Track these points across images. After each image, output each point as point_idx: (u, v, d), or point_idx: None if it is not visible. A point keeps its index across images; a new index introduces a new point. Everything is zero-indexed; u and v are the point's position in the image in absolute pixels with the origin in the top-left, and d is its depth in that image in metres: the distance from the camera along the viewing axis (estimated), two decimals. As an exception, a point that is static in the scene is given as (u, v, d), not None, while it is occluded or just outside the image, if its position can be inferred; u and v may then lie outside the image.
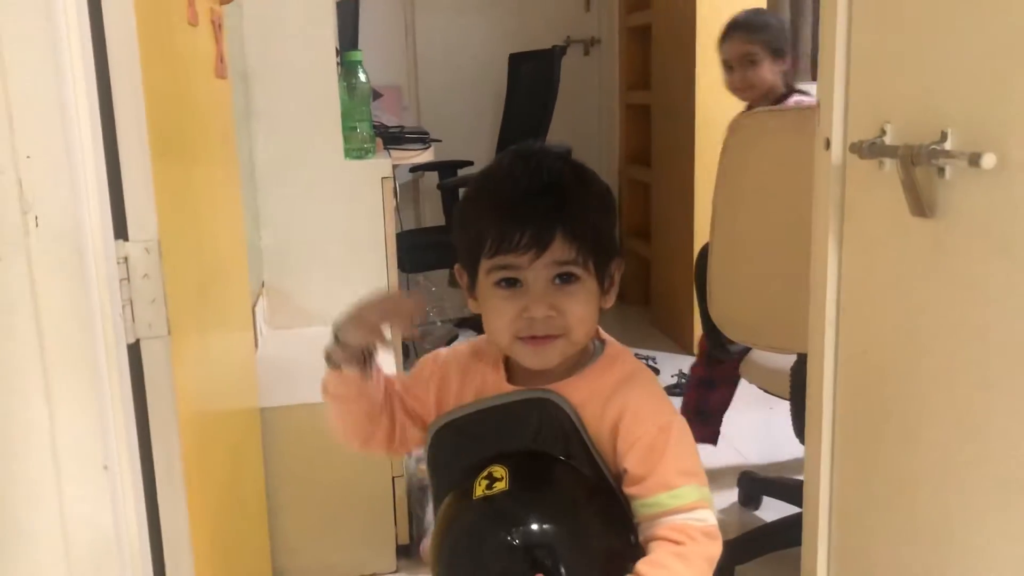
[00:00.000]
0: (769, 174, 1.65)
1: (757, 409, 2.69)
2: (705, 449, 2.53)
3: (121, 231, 0.90)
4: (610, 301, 0.98)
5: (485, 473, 0.93)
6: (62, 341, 0.82)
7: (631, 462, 0.93)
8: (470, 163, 3.60)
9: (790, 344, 1.64)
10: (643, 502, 0.93)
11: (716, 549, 0.91)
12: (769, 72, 2.31)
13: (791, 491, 2.03)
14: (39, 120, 0.78)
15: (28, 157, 0.78)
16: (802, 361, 1.70)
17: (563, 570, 0.88)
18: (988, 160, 0.73)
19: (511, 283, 0.92)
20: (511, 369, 1.01)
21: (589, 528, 0.92)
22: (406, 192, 4.05)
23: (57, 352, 0.82)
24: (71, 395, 0.83)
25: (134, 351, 0.92)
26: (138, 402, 0.92)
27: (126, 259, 0.90)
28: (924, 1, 0.86)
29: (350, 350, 0.99)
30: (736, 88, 2.37)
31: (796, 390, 1.74)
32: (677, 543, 0.89)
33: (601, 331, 1.02)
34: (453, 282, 3.53)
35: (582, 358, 0.99)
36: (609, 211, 1.00)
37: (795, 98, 2.26)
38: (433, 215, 3.98)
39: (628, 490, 0.94)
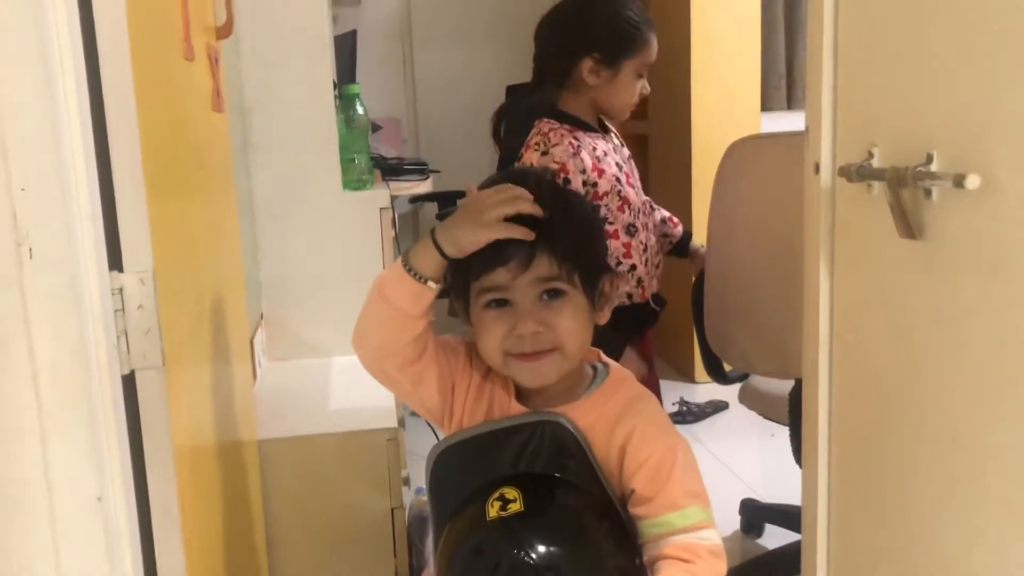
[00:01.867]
0: (762, 199, 1.66)
1: (759, 436, 2.69)
2: (707, 476, 2.52)
3: (116, 262, 0.90)
4: (604, 317, 0.99)
5: (496, 495, 0.94)
6: (56, 373, 0.82)
7: (639, 483, 0.94)
8: (469, 193, 3.61)
9: (786, 370, 1.64)
10: (650, 522, 0.94)
11: (722, 568, 0.93)
12: None
13: (793, 518, 2.01)
14: (33, 153, 0.79)
15: (23, 190, 0.78)
16: (800, 387, 1.70)
17: None
18: (972, 181, 0.74)
19: (500, 304, 0.94)
20: (520, 391, 1.02)
21: (600, 549, 0.93)
22: (406, 223, 4.06)
23: (50, 384, 0.82)
24: (65, 427, 0.83)
25: (129, 382, 0.92)
26: (133, 434, 0.92)
27: (121, 290, 0.91)
28: (909, 25, 0.87)
29: (440, 266, 0.94)
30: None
31: (795, 416, 1.73)
32: (686, 561, 0.91)
33: (603, 355, 1.04)
34: (452, 311, 3.52)
35: (586, 381, 1.01)
36: (593, 228, 1.03)
37: None
38: (433, 246, 3.98)
39: (635, 510, 0.95)
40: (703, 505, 0.95)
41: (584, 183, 1.69)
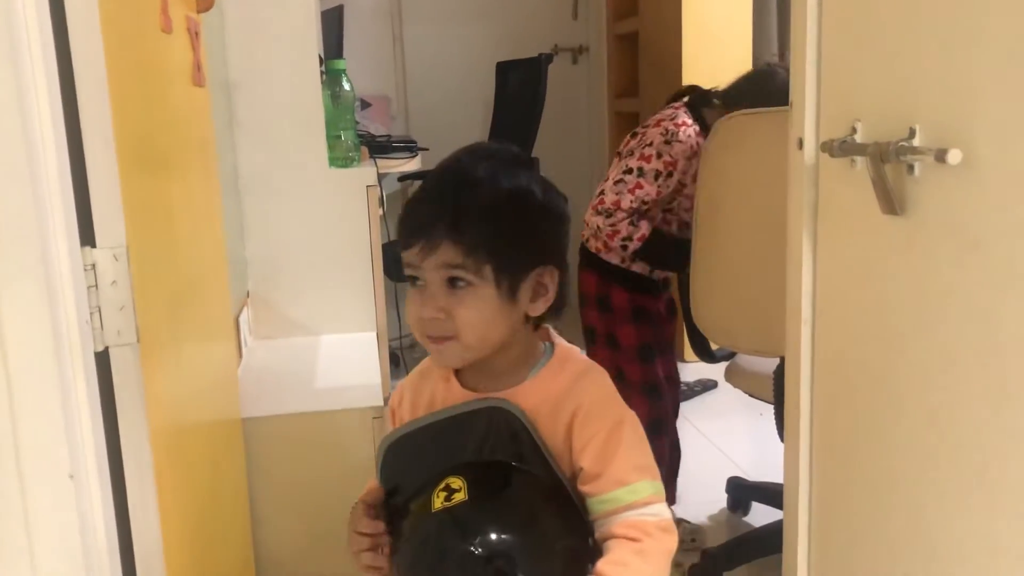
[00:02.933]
0: (746, 176, 1.66)
1: (746, 415, 2.69)
2: (695, 455, 2.53)
3: (89, 238, 0.89)
4: (538, 309, 0.97)
5: (442, 485, 0.93)
6: (26, 348, 0.81)
7: (586, 460, 0.93)
8: (458, 172, 3.59)
9: (771, 348, 1.64)
10: (599, 499, 0.93)
11: (672, 542, 0.92)
12: None
13: (779, 496, 2.01)
14: (-1, 124, 0.77)
15: (-12, 162, 0.77)
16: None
17: (524, 571, 0.88)
18: (954, 156, 0.73)
19: (415, 281, 0.95)
20: (462, 378, 1.01)
21: (549, 532, 0.93)
22: (394, 202, 4.04)
23: (20, 360, 0.81)
24: (36, 403, 0.82)
25: (103, 359, 0.91)
26: (109, 412, 0.91)
27: (94, 266, 0.89)
28: (892, 1, 0.85)
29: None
30: None
31: (780, 393, 1.73)
32: (635, 540, 0.90)
33: (552, 332, 1.03)
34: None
35: (531, 361, 1.00)
36: (516, 217, 0.96)
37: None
38: (422, 224, 3.97)
39: (583, 488, 0.94)
40: (652, 478, 0.94)
41: (680, 182, 1.98)
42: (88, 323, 0.88)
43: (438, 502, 0.92)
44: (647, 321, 2.11)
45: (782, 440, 1.80)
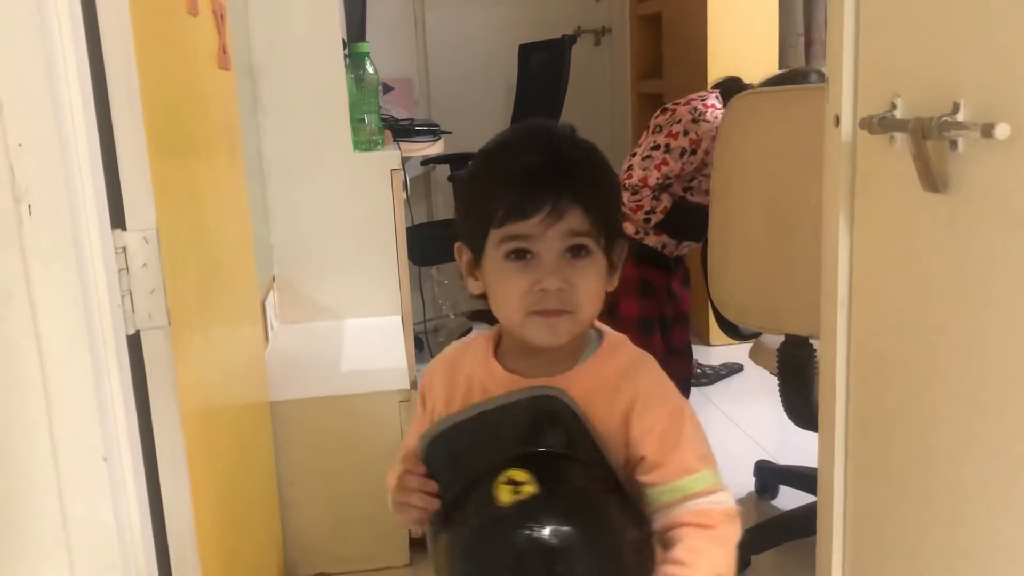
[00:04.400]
0: (757, 153, 1.66)
1: (773, 398, 2.67)
2: (721, 439, 2.51)
3: (119, 221, 0.89)
4: (614, 283, 0.95)
5: (504, 478, 0.88)
6: (59, 331, 0.81)
7: (648, 448, 0.91)
8: (481, 155, 3.58)
9: (777, 325, 1.65)
10: (662, 488, 0.90)
11: (738, 530, 0.90)
12: None
13: (807, 480, 2.00)
14: (30, 108, 0.77)
15: (20, 145, 0.77)
16: (789, 342, 1.70)
17: (597, 566, 0.87)
18: (1002, 130, 0.71)
19: (521, 255, 0.89)
20: (504, 361, 0.97)
21: (614, 524, 0.90)
22: (417, 186, 4.04)
23: (54, 342, 0.81)
24: (69, 386, 0.82)
25: (134, 342, 0.91)
26: (140, 394, 0.92)
27: (124, 249, 0.89)
28: (934, -29, 0.83)
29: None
30: None
31: (784, 370, 1.73)
32: (706, 527, 0.88)
33: (597, 321, 0.99)
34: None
35: (582, 348, 0.96)
36: (616, 188, 0.99)
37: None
38: (445, 209, 3.97)
39: (645, 478, 0.91)
40: (713, 467, 0.92)
41: (703, 161, 2.07)
42: (119, 306, 0.88)
43: (505, 495, 0.87)
44: (652, 295, 2.16)
45: (789, 416, 1.80)
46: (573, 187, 0.88)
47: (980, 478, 0.83)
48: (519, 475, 0.88)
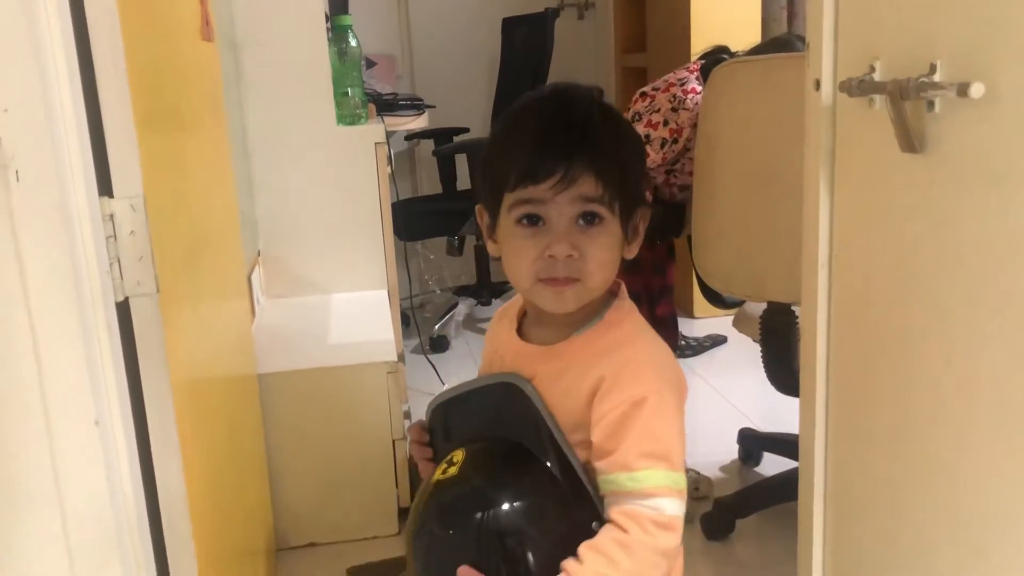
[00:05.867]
0: (738, 122, 1.68)
1: (756, 368, 2.70)
2: (706, 409, 2.54)
3: (105, 188, 0.89)
4: (633, 251, 0.94)
5: (448, 457, 0.94)
6: (49, 297, 0.81)
7: (597, 436, 0.89)
8: (466, 130, 3.58)
9: (761, 292, 1.68)
10: (604, 478, 0.89)
11: (668, 540, 0.86)
12: None
13: (789, 446, 2.03)
14: (15, 73, 0.77)
15: (5, 111, 0.77)
16: (771, 309, 1.73)
17: (520, 549, 0.88)
18: (976, 89, 0.72)
19: (533, 220, 0.89)
20: (523, 326, 1.00)
21: (542, 510, 0.90)
22: (402, 161, 4.03)
23: (44, 308, 0.81)
24: (60, 351, 0.82)
25: (123, 310, 0.92)
26: (129, 363, 0.92)
27: (111, 216, 0.89)
28: (913, -66, 0.84)
29: None
30: None
31: (766, 337, 1.76)
32: (623, 530, 0.86)
33: (623, 289, 0.98)
34: (451, 250, 3.53)
35: (587, 317, 0.95)
36: (639, 156, 0.97)
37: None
38: (430, 184, 3.96)
39: (595, 463, 0.90)
40: (667, 468, 0.87)
41: (685, 146, 2.05)
42: (108, 273, 0.88)
43: (437, 473, 0.93)
44: (638, 271, 2.18)
45: (771, 383, 1.83)
46: (587, 152, 0.87)
47: (956, 435, 0.85)
48: (457, 455, 0.93)
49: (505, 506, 0.90)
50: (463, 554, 0.89)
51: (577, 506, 0.90)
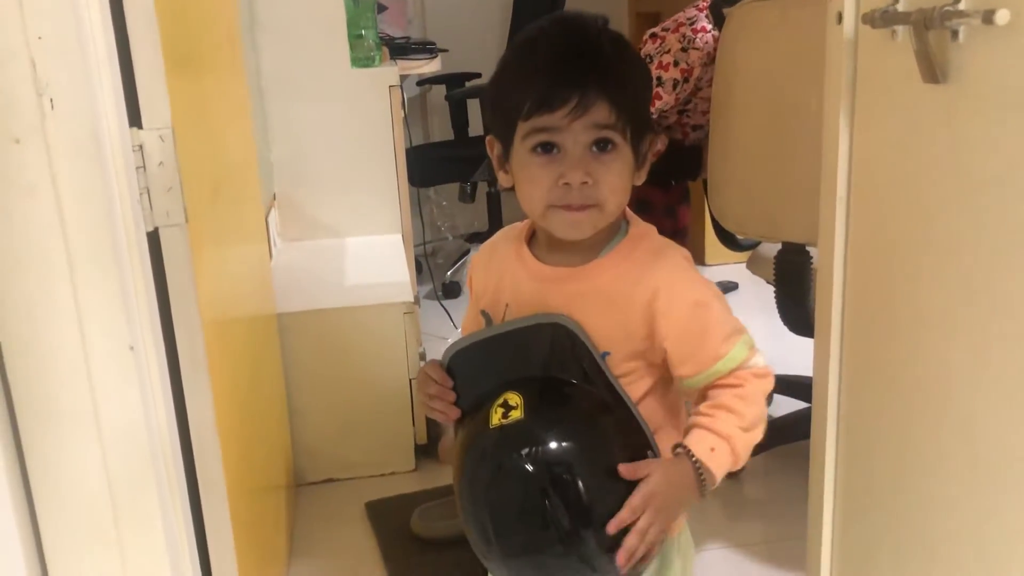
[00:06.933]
0: (756, 64, 1.67)
1: (768, 313, 2.72)
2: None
3: (135, 120, 0.90)
4: (641, 178, 0.96)
5: (500, 400, 0.92)
6: (83, 224, 0.83)
7: (675, 345, 0.93)
8: (478, 75, 3.56)
9: (776, 233, 1.69)
10: (699, 377, 0.94)
11: (769, 384, 0.95)
12: None
13: (802, 388, 2.05)
14: (48, 2, 0.78)
15: (39, 38, 0.78)
16: (786, 250, 1.74)
17: (581, 485, 0.88)
18: (1002, 16, 0.73)
19: (547, 148, 0.90)
20: (536, 251, 1.00)
21: (604, 444, 0.91)
22: (414, 107, 4.01)
23: (79, 235, 0.83)
24: (95, 277, 0.85)
25: (153, 240, 0.94)
26: (159, 293, 0.94)
27: (141, 147, 0.91)
28: None
29: None
30: None
31: (781, 278, 1.77)
32: (735, 386, 0.92)
33: (628, 210, 1.00)
34: (463, 196, 3.51)
35: (608, 238, 0.97)
36: (647, 82, 0.99)
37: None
38: (442, 131, 3.95)
39: (677, 371, 0.94)
40: (744, 336, 0.95)
41: (696, 86, 2.02)
42: (139, 202, 0.90)
43: (495, 418, 0.91)
44: (650, 213, 2.17)
45: (785, 324, 1.84)
46: (600, 80, 0.88)
47: (970, 372, 0.86)
48: (513, 399, 0.92)
49: (582, 444, 0.91)
50: (539, 494, 0.88)
51: (636, 435, 0.94)
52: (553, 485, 0.88)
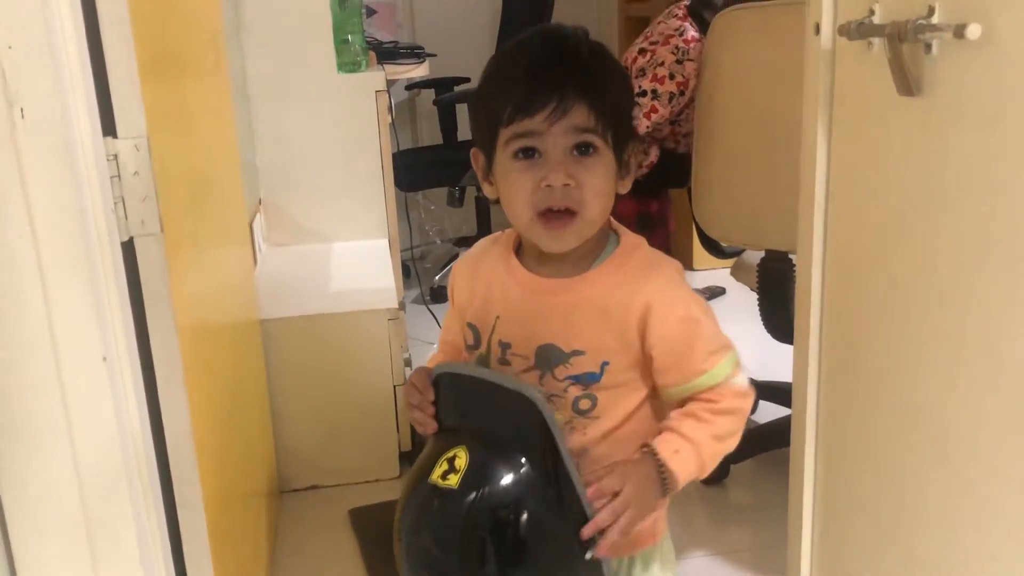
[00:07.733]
0: (739, 70, 1.67)
1: (754, 319, 2.73)
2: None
3: (109, 128, 0.90)
4: (626, 187, 0.96)
5: (451, 454, 0.91)
6: (55, 234, 0.82)
7: (662, 356, 0.94)
8: (467, 79, 3.56)
9: (759, 240, 1.69)
10: (680, 388, 0.95)
11: (747, 403, 0.96)
12: None
13: (785, 394, 2.06)
14: (18, 10, 0.78)
15: (10, 48, 0.77)
16: (769, 257, 1.74)
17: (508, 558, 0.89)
18: (973, 31, 0.73)
19: (529, 153, 0.90)
20: (526, 261, 0.99)
21: (522, 545, 0.90)
22: (402, 112, 4.01)
23: (50, 245, 0.82)
24: (67, 288, 0.84)
25: (128, 250, 0.93)
26: (135, 303, 0.94)
27: (116, 156, 0.90)
28: None
29: None
30: None
31: (763, 284, 1.78)
32: (712, 401, 0.93)
33: (614, 222, 1.00)
34: (452, 201, 3.50)
35: (598, 249, 0.97)
36: (627, 89, 0.99)
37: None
38: (430, 135, 3.95)
39: (660, 379, 0.95)
40: (729, 353, 0.95)
41: (690, 97, 1.98)
42: (113, 212, 0.89)
43: (436, 473, 0.90)
44: (651, 230, 2.16)
45: (768, 331, 1.84)
46: (578, 83, 0.89)
47: (945, 379, 0.87)
48: (460, 459, 0.90)
49: (504, 538, 0.89)
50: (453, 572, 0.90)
51: (571, 532, 0.89)
52: (460, 563, 0.89)
